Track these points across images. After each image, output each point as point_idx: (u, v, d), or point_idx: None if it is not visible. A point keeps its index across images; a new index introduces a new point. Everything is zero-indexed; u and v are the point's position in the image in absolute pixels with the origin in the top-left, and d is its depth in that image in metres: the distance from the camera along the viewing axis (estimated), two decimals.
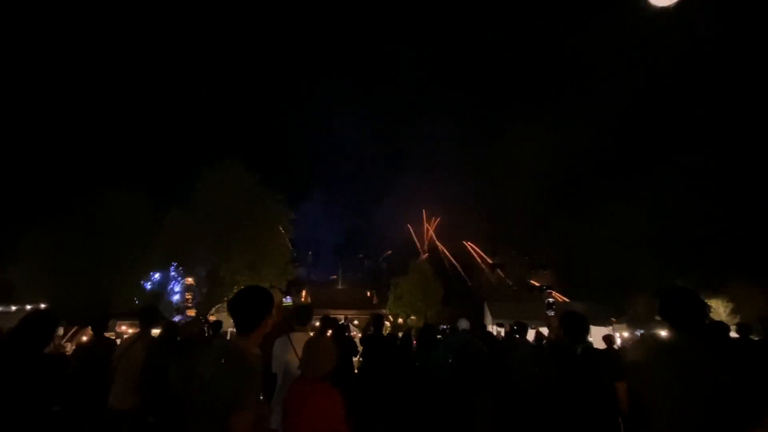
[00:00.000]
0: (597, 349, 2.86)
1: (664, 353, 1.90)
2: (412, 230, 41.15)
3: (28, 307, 15.70)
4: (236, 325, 1.83)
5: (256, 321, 1.82)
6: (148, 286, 16.66)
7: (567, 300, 23.03)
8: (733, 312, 23.61)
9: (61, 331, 13.96)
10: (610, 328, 19.09)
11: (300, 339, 3.23)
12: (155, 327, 4.15)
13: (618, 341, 16.77)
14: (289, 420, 2.10)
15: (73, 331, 10.40)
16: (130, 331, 11.49)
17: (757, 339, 5.49)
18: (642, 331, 18.36)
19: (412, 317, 23.66)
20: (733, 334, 6.76)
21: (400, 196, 42.28)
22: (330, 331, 5.38)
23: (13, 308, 14.85)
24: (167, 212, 16.78)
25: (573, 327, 2.74)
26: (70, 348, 8.66)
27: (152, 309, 4.32)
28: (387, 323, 20.05)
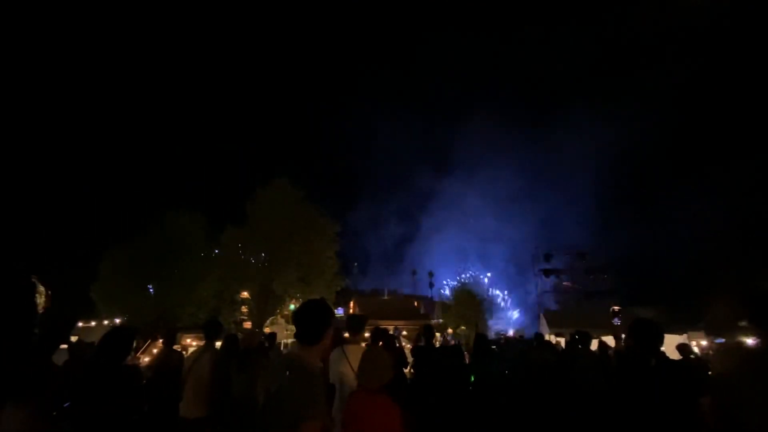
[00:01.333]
0: (674, 361, 2.61)
1: (754, 362, 1.70)
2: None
3: (106, 322, 17.39)
4: (299, 337, 1.89)
5: (319, 333, 1.87)
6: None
7: (631, 307, 21.31)
8: None
9: (135, 344, 15.21)
10: (685, 336, 17.39)
11: (353, 350, 3.27)
12: (218, 339, 4.39)
13: (695, 350, 15.22)
14: (348, 431, 2.12)
15: (146, 345, 11.30)
16: (195, 343, 12.25)
17: None
18: (722, 340, 16.50)
19: (462, 327, 23.06)
20: None
21: (446, 202, 41.79)
22: (381, 342, 5.38)
23: (93, 323, 16.49)
24: (222, 230, 17.91)
25: (645, 336, 2.53)
26: (143, 360, 9.39)
27: (215, 323, 4.59)
28: (437, 334, 19.70)
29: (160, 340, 8.33)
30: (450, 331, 22.91)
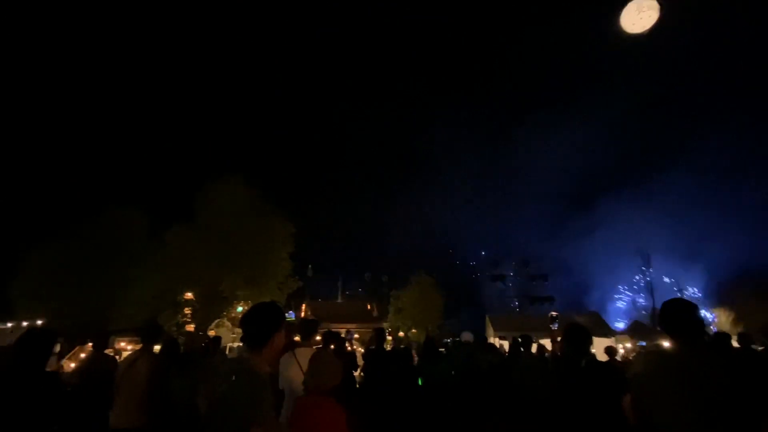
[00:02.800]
0: (601, 362, 2.86)
1: (665, 364, 1.92)
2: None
3: (25, 323, 15.64)
4: (247, 341, 1.85)
5: (267, 337, 1.83)
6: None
7: (569, 311, 22.88)
8: (736, 322, 23.45)
9: (57, 348, 13.85)
10: (613, 339, 18.95)
11: (304, 354, 3.23)
12: (157, 343, 4.14)
13: (621, 352, 16.65)
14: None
15: (75, 350, 10.32)
16: (130, 347, 11.40)
17: (760, 349, 5.47)
18: (644, 343, 18.20)
19: (413, 330, 23.46)
20: (735, 344, 6.75)
21: (405, 206, 42.35)
22: (332, 346, 5.35)
23: (9, 325, 14.78)
24: (168, 228, 16.83)
25: (576, 340, 2.75)
26: (69, 365, 8.57)
27: (153, 325, 4.32)
28: (389, 337, 19.85)
29: (90, 344, 7.66)
30: (401, 334, 23.22)
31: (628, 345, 20.00)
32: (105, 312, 14.64)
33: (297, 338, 4.21)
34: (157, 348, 4.23)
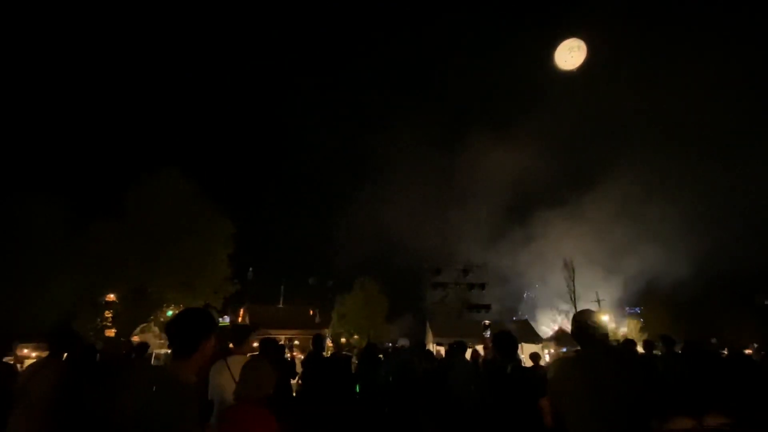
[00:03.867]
0: (525, 368, 3.09)
1: (571, 368, 2.15)
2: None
3: None
4: (172, 350, 1.74)
5: (194, 345, 1.74)
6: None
7: (502, 321, 24.24)
8: (643, 330, 26.35)
9: None
10: (540, 345, 20.40)
11: (237, 362, 3.10)
12: (67, 351, 3.73)
13: (546, 357, 17.98)
14: None
15: None
16: (35, 354, 10.10)
17: (660, 354, 6.20)
18: (565, 349, 19.81)
19: (355, 336, 23.43)
20: (640, 350, 7.62)
21: (351, 212, 42.23)
22: (267, 353, 5.19)
23: None
24: (91, 223, 15.20)
25: (503, 346, 2.95)
26: None
27: (65, 332, 3.89)
28: (330, 344, 19.59)
29: None
30: (343, 340, 23.05)
31: (553, 351, 21.67)
32: (10, 313, 12.79)
33: (231, 345, 4.03)
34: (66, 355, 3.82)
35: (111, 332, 16.55)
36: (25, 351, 10.60)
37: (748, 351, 10.35)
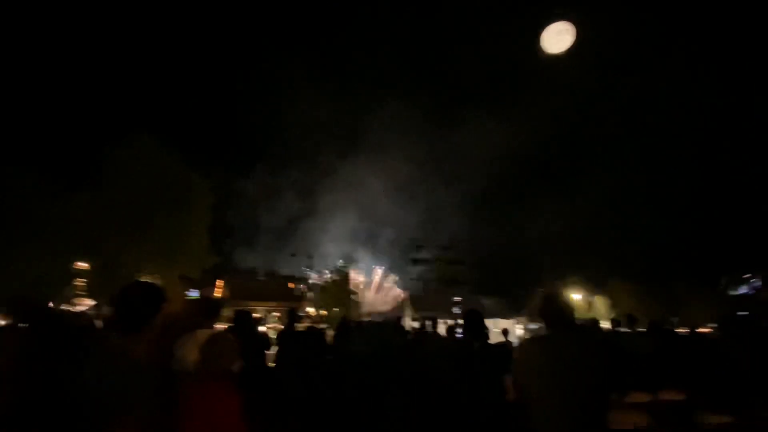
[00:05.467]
0: (492, 345, 3.15)
1: (536, 346, 2.20)
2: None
3: None
4: (120, 324, 1.67)
5: (142, 319, 1.68)
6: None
7: (478, 296, 24.93)
8: (612, 307, 27.61)
9: None
10: (512, 321, 21.19)
11: (205, 335, 3.05)
12: (29, 321, 3.59)
13: (517, 333, 18.71)
14: (178, 418, 1.94)
15: None
16: (2, 322, 9.81)
17: (625, 331, 6.48)
18: (535, 325, 20.65)
19: (335, 309, 23.70)
20: (607, 326, 7.97)
21: (335, 186, 41.71)
22: (241, 326, 5.16)
23: None
24: (64, 191, 14.55)
25: (471, 324, 3.00)
26: None
27: (26, 300, 3.74)
28: (309, 317, 19.79)
29: None
30: (324, 313, 23.30)
31: (522, 326, 22.60)
32: None
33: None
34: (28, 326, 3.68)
35: (84, 301, 16.23)
36: None
37: (704, 330, 10.99)
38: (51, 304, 13.90)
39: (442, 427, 3.13)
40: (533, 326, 20.53)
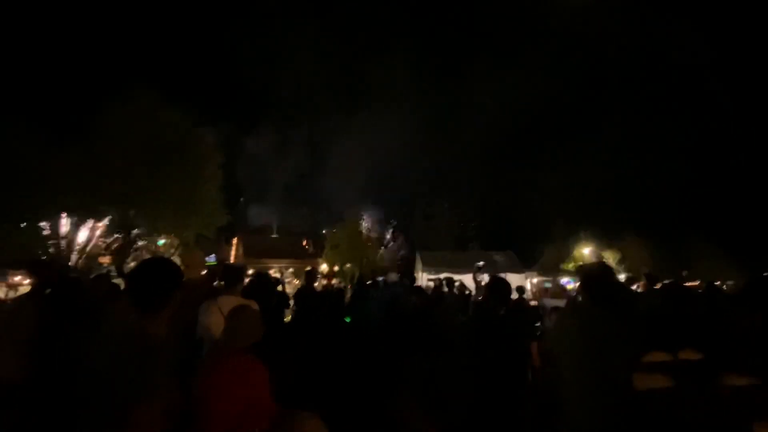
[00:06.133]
0: (517, 312, 3.09)
1: (578, 319, 2.11)
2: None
3: None
4: (136, 304, 1.59)
5: (161, 300, 1.59)
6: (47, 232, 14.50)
7: (489, 252, 25.05)
8: (621, 262, 27.63)
9: None
10: (523, 275, 21.41)
11: (228, 303, 3.02)
12: (49, 283, 3.62)
13: (528, 287, 18.97)
14: (203, 394, 1.92)
15: None
16: (27, 281, 10.16)
17: (641, 291, 6.43)
18: (547, 282, 20.86)
19: (348, 265, 24.11)
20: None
21: (345, 139, 40.78)
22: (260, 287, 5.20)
23: None
24: (68, 148, 14.34)
25: (498, 292, 2.92)
26: None
27: (44, 263, 3.77)
28: (322, 274, 20.19)
29: None
30: (336, 268, 23.72)
31: (535, 281, 22.87)
32: None
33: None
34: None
35: (105, 260, 16.72)
36: (18, 278, 10.66)
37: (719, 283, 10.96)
38: (71, 264, 14.31)
39: (464, 392, 3.15)
40: (538, 280, 20.75)
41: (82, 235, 15.38)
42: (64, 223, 14.82)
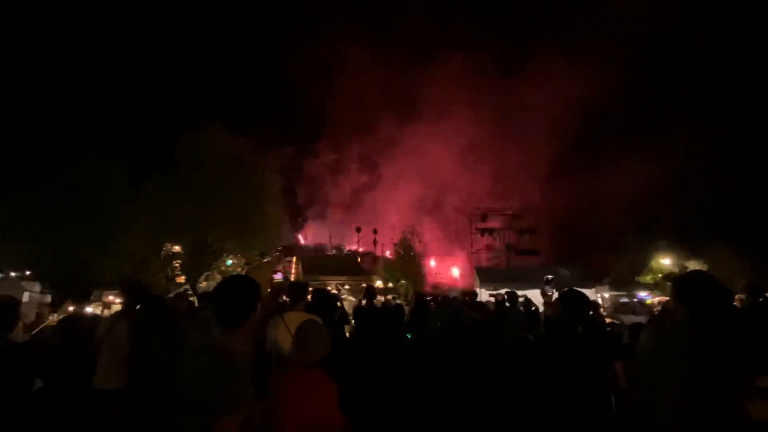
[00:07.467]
0: (597, 329, 2.82)
1: (672, 336, 1.87)
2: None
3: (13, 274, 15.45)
4: (220, 320, 1.67)
5: (244, 316, 1.67)
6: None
7: (553, 267, 23.54)
8: (708, 271, 24.47)
9: (48, 299, 13.79)
10: (593, 290, 19.76)
11: (293, 319, 3.11)
12: (140, 304, 4.00)
13: (600, 302, 17.47)
14: (275, 409, 1.95)
15: (64, 304, 10.21)
16: (118, 300, 11.37)
17: (743, 305, 5.59)
18: (624, 297, 19.02)
19: (402, 281, 23.97)
20: None
21: (404, 154, 40.87)
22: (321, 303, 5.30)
23: None
24: (149, 178, 16.19)
25: (575, 307, 2.68)
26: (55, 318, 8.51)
27: (135, 283, 4.16)
28: (380, 296, 20.25)
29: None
30: (391, 285, 23.71)
31: (606, 295, 21.01)
32: (88, 262, 14.38)
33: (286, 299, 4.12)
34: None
35: (181, 279, 18.23)
36: (110, 297, 11.97)
37: None
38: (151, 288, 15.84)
39: (535, 416, 2.92)
40: (623, 298, 19.02)
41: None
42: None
